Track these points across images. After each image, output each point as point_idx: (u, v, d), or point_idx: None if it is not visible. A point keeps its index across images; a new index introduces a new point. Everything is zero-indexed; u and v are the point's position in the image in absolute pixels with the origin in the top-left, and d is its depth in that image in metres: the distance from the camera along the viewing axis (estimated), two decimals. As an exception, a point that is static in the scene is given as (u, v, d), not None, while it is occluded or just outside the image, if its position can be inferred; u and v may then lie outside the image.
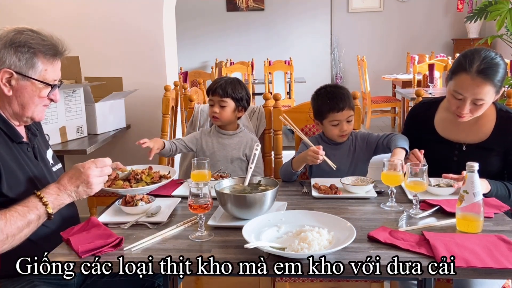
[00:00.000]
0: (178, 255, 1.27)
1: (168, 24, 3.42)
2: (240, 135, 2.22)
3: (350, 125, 2.02)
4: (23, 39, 1.43)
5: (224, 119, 2.16)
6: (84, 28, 3.25)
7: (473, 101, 1.75)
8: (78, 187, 1.44)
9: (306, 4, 8.22)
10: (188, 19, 7.94)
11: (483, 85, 1.72)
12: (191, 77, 5.96)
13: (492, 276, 1.20)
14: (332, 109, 1.97)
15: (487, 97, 1.74)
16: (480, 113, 1.80)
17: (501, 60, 1.77)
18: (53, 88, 1.52)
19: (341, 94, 2.00)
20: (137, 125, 3.32)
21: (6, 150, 1.44)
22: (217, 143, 2.20)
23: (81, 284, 1.62)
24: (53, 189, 1.42)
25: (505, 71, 1.77)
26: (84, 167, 1.44)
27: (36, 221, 1.36)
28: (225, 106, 2.13)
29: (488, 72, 1.71)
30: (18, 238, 1.32)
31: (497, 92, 1.76)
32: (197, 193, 1.38)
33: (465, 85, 1.74)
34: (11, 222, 1.29)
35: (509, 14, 3.39)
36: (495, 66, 1.73)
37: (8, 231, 1.29)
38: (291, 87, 6.36)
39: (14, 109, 1.48)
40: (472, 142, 1.88)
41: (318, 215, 1.46)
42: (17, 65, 1.43)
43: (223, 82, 2.16)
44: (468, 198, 1.37)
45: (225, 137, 2.21)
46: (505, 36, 3.90)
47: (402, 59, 7.81)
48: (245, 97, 2.19)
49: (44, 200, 1.37)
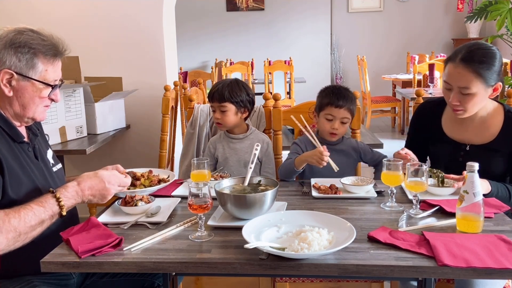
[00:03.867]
0: (178, 255, 1.27)
1: (168, 24, 3.42)
2: (250, 137, 2.18)
3: (343, 127, 2.05)
4: (23, 39, 1.43)
5: (228, 124, 2.13)
6: (84, 28, 3.25)
7: (460, 90, 1.74)
8: (95, 196, 1.47)
9: (306, 4, 8.22)
10: (188, 19, 7.95)
11: (464, 72, 1.71)
12: (191, 77, 5.96)
13: (492, 276, 1.20)
14: (331, 103, 2.03)
15: (472, 86, 1.72)
16: (474, 107, 1.78)
17: (492, 51, 1.74)
18: (54, 88, 1.52)
19: (345, 94, 2.05)
20: (137, 125, 3.32)
21: (8, 150, 1.44)
22: (228, 148, 2.17)
23: (81, 284, 1.62)
24: (72, 192, 1.43)
25: (496, 62, 1.73)
26: (110, 183, 1.49)
27: (49, 220, 1.37)
28: (225, 110, 2.10)
29: (469, 60, 1.71)
30: (31, 236, 1.33)
31: (486, 83, 1.72)
32: (197, 193, 1.38)
33: (450, 73, 1.77)
34: (25, 220, 1.30)
35: (509, 14, 3.39)
36: (480, 55, 1.72)
37: (22, 229, 1.30)
38: (291, 87, 6.36)
39: (15, 109, 1.48)
40: (478, 143, 1.86)
41: (318, 215, 1.46)
42: (18, 65, 1.43)
43: (221, 86, 2.13)
44: (468, 198, 1.37)
45: (236, 141, 2.18)
46: (505, 36, 3.90)
47: (402, 59, 7.81)
48: (246, 98, 2.15)
49: (61, 203, 1.39)
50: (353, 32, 8.34)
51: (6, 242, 1.27)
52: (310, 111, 2.37)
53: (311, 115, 2.35)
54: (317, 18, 8.29)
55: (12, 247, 1.30)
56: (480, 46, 1.76)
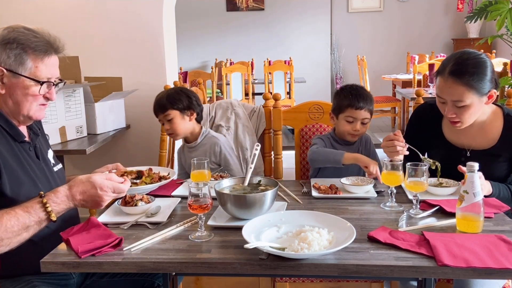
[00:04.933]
0: (178, 255, 1.27)
1: (168, 24, 3.42)
2: (203, 142, 2.18)
3: (363, 128, 2.04)
4: (13, 36, 1.42)
5: (180, 132, 2.13)
6: (84, 28, 3.24)
7: (454, 103, 1.71)
8: (87, 202, 1.40)
9: (306, 4, 8.21)
10: (188, 19, 7.94)
11: (456, 86, 1.67)
12: (191, 77, 5.96)
13: (492, 276, 1.20)
14: (352, 105, 2.00)
15: (466, 99, 1.68)
16: (471, 117, 1.74)
17: (481, 60, 1.69)
18: (46, 86, 1.48)
19: (365, 94, 2.03)
20: (137, 125, 3.32)
21: (8, 149, 1.44)
22: (188, 158, 2.16)
23: (80, 284, 1.62)
24: (61, 197, 1.37)
25: (487, 71, 1.68)
26: (102, 189, 1.38)
27: (37, 225, 1.33)
28: (171, 119, 2.10)
29: (458, 73, 1.67)
30: (16, 241, 1.30)
31: (480, 93, 1.68)
32: (197, 193, 1.38)
33: (441, 88, 1.73)
34: (7, 226, 1.27)
35: (509, 14, 3.38)
36: (469, 66, 1.67)
37: (2, 234, 1.26)
38: (291, 87, 6.36)
39: (9, 107, 1.47)
40: (479, 148, 1.83)
41: (318, 215, 1.46)
42: (7, 62, 1.42)
43: (159, 97, 2.14)
44: (468, 198, 1.37)
45: (191, 150, 2.19)
46: (505, 36, 3.90)
47: (402, 59, 7.80)
48: (187, 100, 2.12)
49: (48, 209, 1.33)
50: (353, 32, 8.34)
51: None
52: (310, 111, 2.37)
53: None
54: (317, 18, 8.28)
55: None
56: (469, 56, 1.70)
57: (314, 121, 2.37)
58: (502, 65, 4.07)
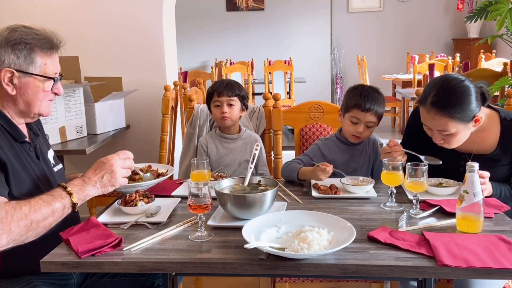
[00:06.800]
0: (178, 255, 1.27)
1: (168, 24, 3.42)
2: (243, 136, 2.22)
3: (367, 131, 1.98)
4: (18, 36, 1.42)
5: (234, 118, 2.17)
6: (84, 28, 3.24)
7: (439, 132, 1.68)
8: (103, 177, 1.45)
9: (306, 4, 8.21)
10: (188, 19, 7.94)
11: (438, 117, 1.64)
12: (191, 77, 5.96)
13: (492, 276, 1.20)
14: (358, 105, 1.94)
15: (450, 128, 1.64)
16: (460, 140, 1.70)
17: (463, 89, 1.63)
18: (55, 81, 1.52)
19: (375, 97, 1.96)
20: (137, 125, 3.32)
21: (10, 150, 1.44)
22: (223, 148, 2.20)
23: (80, 284, 1.62)
24: (78, 181, 1.43)
25: (471, 99, 1.63)
26: (107, 158, 1.48)
27: (61, 210, 1.35)
28: (233, 104, 2.15)
29: (440, 105, 1.63)
30: (43, 226, 1.31)
31: (464, 121, 1.63)
32: (197, 193, 1.38)
33: (424, 117, 1.70)
34: (36, 208, 1.29)
35: (509, 14, 3.38)
36: (449, 97, 1.62)
37: (33, 217, 1.28)
38: (291, 87, 6.36)
39: (20, 107, 1.48)
40: (478, 153, 1.80)
41: (318, 215, 1.46)
42: (17, 63, 1.43)
43: (227, 82, 2.19)
44: (468, 198, 1.37)
45: (230, 141, 2.21)
46: (505, 36, 3.89)
47: (402, 59, 7.81)
48: (246, 97, 2.22)
49: (68, 190, 1.38)
50: (353, 32, 8.34)
51: (18, 231, 1.25)
52: (310, 111, 2.37)
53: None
54: (317, 18, 8.28)
55: (24, 237, 1.27)
56: (449, 84, 1.64)
57: (314, 121, 2.38)
58: (502, 65, 4.07)
